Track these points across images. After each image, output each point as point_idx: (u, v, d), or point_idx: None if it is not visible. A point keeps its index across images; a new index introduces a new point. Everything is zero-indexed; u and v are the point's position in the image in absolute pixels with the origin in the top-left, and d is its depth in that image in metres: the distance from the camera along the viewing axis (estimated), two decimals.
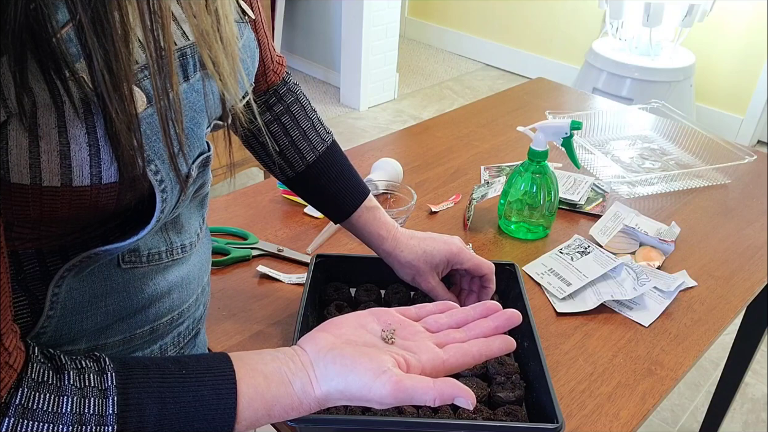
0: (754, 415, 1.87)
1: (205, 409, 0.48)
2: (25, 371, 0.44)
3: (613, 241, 1.06)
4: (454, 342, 0.56)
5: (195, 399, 0.48)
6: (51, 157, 0.43)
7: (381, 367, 0.51)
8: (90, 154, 0.44)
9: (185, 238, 0.60)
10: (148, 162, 0.47)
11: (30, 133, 0.42)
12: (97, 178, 0.46)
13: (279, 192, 1.15)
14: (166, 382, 0.47)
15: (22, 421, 0.42)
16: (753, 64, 3.29)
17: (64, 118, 0.43)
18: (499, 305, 0.59)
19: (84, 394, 0.45)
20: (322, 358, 0.52)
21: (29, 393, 0.43)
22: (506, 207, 1.08)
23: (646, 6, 2.86)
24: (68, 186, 0.45)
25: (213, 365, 0.50)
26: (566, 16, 3.85)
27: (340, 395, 0.51)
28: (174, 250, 0.59)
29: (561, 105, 1.62)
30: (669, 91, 2.98)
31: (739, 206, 1.21)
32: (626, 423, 0.75)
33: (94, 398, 0.45)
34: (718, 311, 0.94)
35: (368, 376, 0.50)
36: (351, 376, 0.51)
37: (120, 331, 0.56)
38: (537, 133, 1.03)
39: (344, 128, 3.34)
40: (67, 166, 0.44)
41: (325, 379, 0.51)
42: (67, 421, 0.43)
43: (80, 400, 0.44)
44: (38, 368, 0.44)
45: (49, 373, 0.45)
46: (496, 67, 4.32)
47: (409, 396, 0.50)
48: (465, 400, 0.51)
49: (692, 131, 1.40)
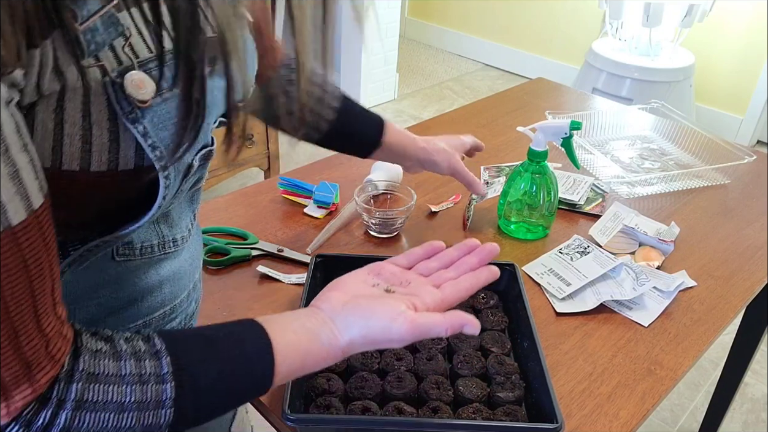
0: (753, 415, 1.87)
1: (248, 365, 0.51)
2: (80, 342, 0.45)
3: (613, 241, 1.06)
4: (448, 280, 0.63)
5: (238, 355, 0.51)
6: (73, 140, 0.44)
7: (396, 310, 0.56)
8: (110, 139, 0.45)
9: (177, 232, 0.61)
10: (153, 149, 0.47)
11: (56, 115, 0.43)
12: (114, 164, 0.47)
13: (279, 192, 1.15)
14: (208, 344, 0.51)
15: (89, 385, 0.44)
16: (753, 64, 3.29)
17: (90, 102, 0.44)
18: (478, 242, 0.66)
19: (138, 357, 0.47)
20: (339, 312, 0.57)
21: (89, 360, 0.45)
22: (506, 207, 1.08)
23: (645, 6, 2.86)
24: (86, 171, 0.46)
25: (245, 327, 0.54)
26: (566, 16, 3.86)
27: (363, 340, 0.56)
28: (166, 244, 0.60)
29: (561, 105, 1.62)
30: (669, 91, 2.98)
31: (738, 206, 1.21)
32: (626, 423, 0.75)
33: (148, 359, 0.47)
34: (718, 311, 0.94)
35: (386, 319, 0.56)
36: (371, 322, 0.56)
37: (112, 325, 0.57)
38: (537, 134, 1.03)
39: None
40: (87, 151, 0.45)
41: (347, 329, 0.56)
42: (129, 381, 0.46)
43: (137, 363, 0.47)
44: (90, 338, 0.46)
45: (101, 343, 0.47)
46: (496, 67, 4.32)
47: (425, 331, 0.57)
48: (471, 327, 0.57)
49: (692, 131, 1.40)
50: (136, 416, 0.46)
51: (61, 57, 0.41)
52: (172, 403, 0.47)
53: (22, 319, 0.41)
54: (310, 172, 1.22)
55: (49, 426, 0.43)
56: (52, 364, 0.43)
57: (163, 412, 0.47)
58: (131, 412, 0.46)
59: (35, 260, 0.41)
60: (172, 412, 0.47)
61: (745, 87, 3.36)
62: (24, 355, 0.41)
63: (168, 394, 0.47)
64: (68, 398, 0.43)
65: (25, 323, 0.41)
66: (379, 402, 0.72)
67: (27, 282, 0.40)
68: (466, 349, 0.79)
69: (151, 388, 0.46)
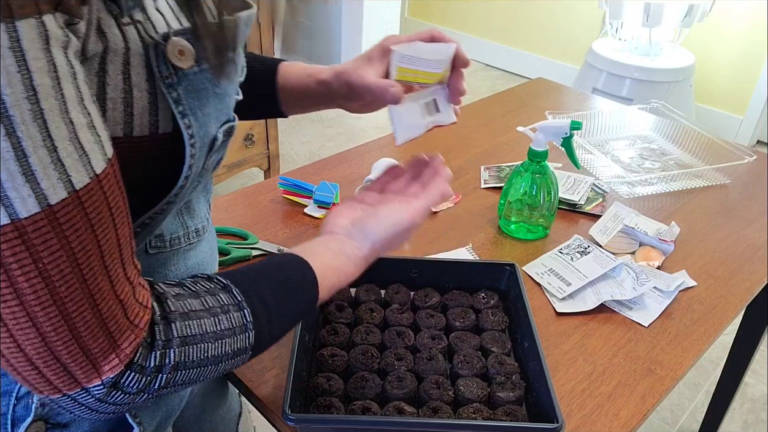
0: (753, 415, 1.87)
1: (298, 284, 0.56)
2: (158, 290, 0.48)
3: (613, 241, 1.06)
4: (420, 191, 0.68)
5: (287, 279, 0.56)
6: (116, 105, 0.44)
7: (401, 207, 0.64)
8: (149, 102, 0.46)
9: (198, 222, 0.63)
10: (183, 116, 0.48)
11: (98, 78, 0.43)
12: (154, 127, 0.47)
13: (279, 192, 1.15)
14: (261, 274, 0.55)
15: (185, 322, 0.47)
16: (753, 64, 3.29)
17: (129, 65, 0.44)
18: (425, 157, 0.72)
19: (212, 293, 0.50)
20: (352, 229, 0.63)
21: (175, 301, 0.48)
22: (506, 207, 1.08)
23: (645, 6, 2.86)
24: (129, 136, 0.46)
25: (287, 257, 0.58)
26: (566, 16, 3.85)
27: (383, 242, 0.63)
28: (190, 234, 0.62)
29: (561, 105, 1.62)
30: (669, 91, 2.98)
31: (738, 206, 1.21)
32: (626, 423, 0.75)
33: (220, 293, 0.51)
34: (718, 311, 0.94)
35: (398, 216, 0.63)
36: (387, 223, 0.63)
37: None
38: (537, 134, 1.03)
39: (344, 128, 3.34)
40: (129, 114, 0.45)
41: (366, 239, 0.63)
42: (215, 312, 0.49)
43: (213, 297, 0.50)
44: (165, 286, 0.49)
45: (176, 288, 0.49)
46: (496, 67, 4.32)
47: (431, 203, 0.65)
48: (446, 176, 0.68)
49: (692, 131, 1.40)
50: (230, 342, 0.50)
51: (103, 18, 0.42)
52: (252, 326, 0.51)
53: (114, 267, 0.43)
54: (310, 172, 1.22)
55: (161, 366, 0.46)
56: (144, 309, 0.45)
57: (246, 335, 0.51)
58: (225, 339, 0.50)
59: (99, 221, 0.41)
60: (253, 334, 0.52)
61: (745, 87, 3.36)
62: (120, 299, 0.43)
63: (248, 318, 0.51)
64: (172, 336, 0.46)
65: (117, 271, 0.43)
66: (379, 402, 0.72)
67: (112, 228, 0.42)
68: (466, 349, 0.79)
69: (233, 315, 0.50)
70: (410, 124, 0.73)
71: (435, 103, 0.75)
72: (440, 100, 0.75)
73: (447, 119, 0.76)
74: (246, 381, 0.78)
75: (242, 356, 0.52)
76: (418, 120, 0.74)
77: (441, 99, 0.75)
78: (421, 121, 0.74)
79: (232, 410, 0.91)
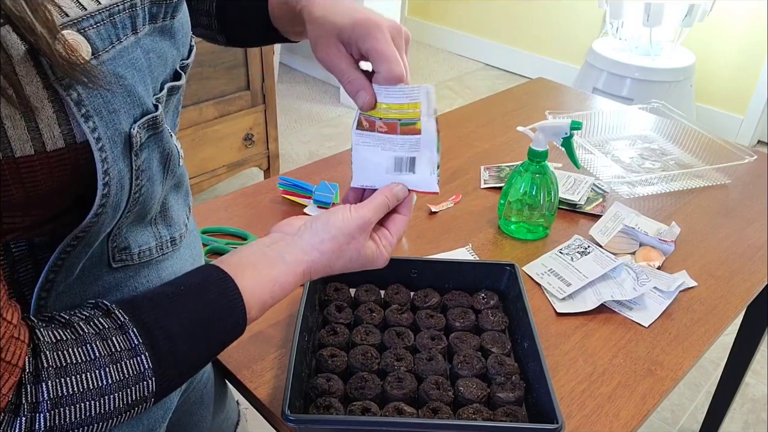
0: (754, 415, 1.87)
1: (218, 311, 0.50)
2: (36, 338, 0.43)
3: (613, 241, 1.06)
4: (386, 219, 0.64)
5: (205, 305, 0.49)
6: (15, 122, 0.39)
7: (347, 210, 0.59)
8: (55, 110, 0.41)
9: (174, 230, 0.60)
10: (86, 119, 0.42)
11: None
12: (70, 137, 0.42)
13: (279, 192, 1.15)
14: (172, 301, 0.49)
15: (60, 380, 0.42)
16: (753, 64, 3.29)
17: (16, 73, 0.38)
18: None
19: (104, 337, 0.44)
20: (300, 229, 0.58)
21: (52, 354, 0.42)
22: (506, 207, 1.08)
23: (646, 6, 2.86)
24: (42, 152, 0.41)
25: (204, 274, 0.52)
26: (566, 16, 3.85)
27: (329, 244, 0.57)
28: (164, 245, 0.58)
29: (561, 105, 1.62)
30: (669, 91, 2.98)
31: (739, 206, 1.21)
32: (626, 423, 0.75)
33: (115, 336, 0.45)
34: (718, 311, 0.94)
35: (341, 218, 0.58)
36: (329, 224, 0.57)
37: None
38: (537, 133, 1.03)
39: (344, 128, 3.34)
40: (34, 129, 0.40)
41: (310, 243, 0.57)
42: (101, 364, 0.44)
43: (103, 343, 0.44)
44: (47, 331, 0.44)
45: (59, 332, 0.44)
46: (496, 67, 4.32)
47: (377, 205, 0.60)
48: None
49: (692, 131, 1.40)
50: (119, 396, 0.45)
51: None
52: (152, 373, 0.46)
53: None
54: (310, 172, 1.22)
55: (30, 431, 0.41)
56: (11, 370, 0.40)
57: (145, 384, 0.46)
58: (113, 394, 0.44)
59: None
60: (153, 381, 0.46)
61: (745, 87, 3.36)
62: None
63: (146, 365, 0.45)
64: (41, 399, 0.41)
65: None
66: (379, 402, 0.72)
67: None
68: (466, 349, 0.79)
69: (126, 363, 0.45)
70: (372, 175, 0.62)
71: (410, 162, 0.61)
72: (420, 160, 0.61)
73: (423, 185, 0.61)
74: (245, 382, 0.78)
75: (142, 405, 0.47)
76: (381, 173, 0.62)
77: (422, 160, 0.61)
78: (384, 175, 0.62)
79: (230, 418, 0.90)
